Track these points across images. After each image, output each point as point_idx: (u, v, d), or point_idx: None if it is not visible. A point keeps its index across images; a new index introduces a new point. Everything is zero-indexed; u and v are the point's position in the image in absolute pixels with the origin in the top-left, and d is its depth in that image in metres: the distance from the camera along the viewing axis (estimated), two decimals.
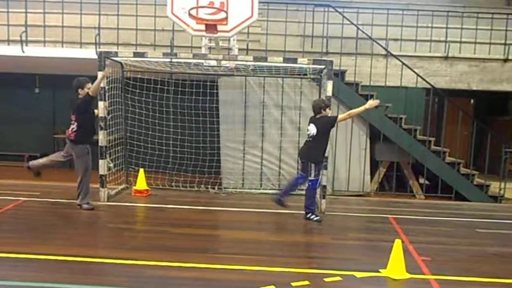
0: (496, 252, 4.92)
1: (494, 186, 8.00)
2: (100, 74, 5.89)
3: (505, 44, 8.79)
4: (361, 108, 5.90)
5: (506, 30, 8.80)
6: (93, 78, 6.14)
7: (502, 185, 7.83)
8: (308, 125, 5.92)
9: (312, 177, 5.78)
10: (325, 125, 5.76)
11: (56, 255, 4.23)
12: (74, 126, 5.81)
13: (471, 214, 6.73)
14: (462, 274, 4.17)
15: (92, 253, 4.33)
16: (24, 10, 8.14)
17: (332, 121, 5.82)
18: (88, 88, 5.74)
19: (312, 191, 5.84)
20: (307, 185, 5.88)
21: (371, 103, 5.80)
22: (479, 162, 8.72)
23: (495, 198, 7.89)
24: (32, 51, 8.00)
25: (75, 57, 7.88)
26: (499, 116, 10.88)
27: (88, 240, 4.85)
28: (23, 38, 7.98)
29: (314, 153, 5.79)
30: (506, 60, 8.82)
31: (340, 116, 5.96)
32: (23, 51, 7.95)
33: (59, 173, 9.32)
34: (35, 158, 10.00)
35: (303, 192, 6.10)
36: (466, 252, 4.89)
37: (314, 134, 5.75)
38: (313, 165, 5.77)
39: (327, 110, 5.84)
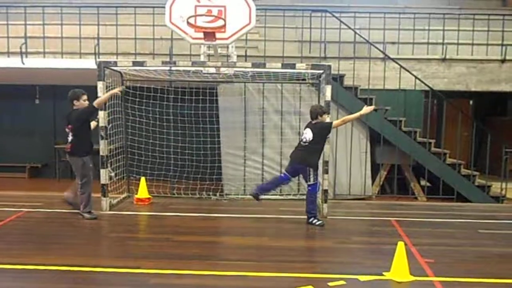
0: (500, 253, 4.92)
1: (496, 187, 8.01)
2: (114, 90, 5.97)
3: (502, 44, 8.82)
4: (356, 114, 5.95)
5: (503, 31, 8.84)
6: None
7: (504, 185, 7.83)
8: (304, 129, 5.95)
9: (311, 182, 5.79)
10: (321, 131, 5.78)
11: (58, 265, 4.23)
12: (70, 138, 5.82)
13: (473, 215, 6.72)
14: (466, 275, 4.17)
15: (95, 263, 4.33)
16: (23, 22, 8.20)
17: (328, 127, 5.83)
18: (84, 100, 5.77)
19: (313, 196, 5.85)
20: (307, 189, 5.89)
21: (366, 109, 5.80)
22: (480, 163, 8.73)
23: (497, 199, 7.89)
24: (32, 62, 8.06)
25: (74, 68, 7.94)
26: (499, 116, 10.90)
27: (90, 250, 4.85)
28: (23, 50, 8.04)
29: (312, 158, 5.79)
30: (503, 61, 8.86)
31: (335, 122, 5.96)
32: (23, 63, 8.01)
33: (61, 184, 9.35)
34: (37, 168, 10.16)
35: (304, 197, 6.11)
36: (469, 253, 4.89)
37: (310, 139, 5.77)
38: (311, 170, 5.79)
39: (324, 116, 5.85)
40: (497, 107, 10.97)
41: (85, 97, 5.81)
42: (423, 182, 8.54)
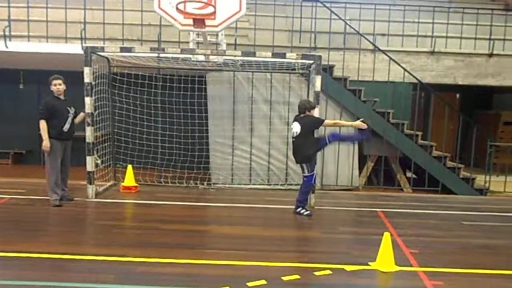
0: (482, 244, 5.01)
1: (480, 179, 8.14)
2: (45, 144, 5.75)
3: (490, 39, 8.91)
4: (349, 123, 6.17)
5: (491, 26, 8.92)
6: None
7: (487, 178, 7.97)
8: (292, 123, 5.95)
9: (306, 174, 5.82)
10: (310, 124, 5.79)
11: (43, 253, 4.18)
12: None
13: (457, 207, 6.84)
14: (450, 265, 4.24)
15: (80, 250, 4.29)
16: (7, 5, 7.97)
17: (318, 123, 5.84)
18: (55, 85, 5.82)
19: (307, 187, 5.88)
20: (302, 180, 5.91)
21: (359, 124, 5.80)
22: (465, 155, 8.85)
23: (481, 191, 8.02)
24: (16, 46, 7.85)
25: (60, 53, 7.76)
26: (484, 110, 11.05)
27: (75, 237, 4.79)
28: (7, 33, 7.83)
29: (302, 152, 5.80)
30: (491, 55, 8.95)
31: (327, 121, 5.96)
32: (6, 46, 7.80)
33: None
34: (21, 155, 9.98)
35: (294, 187, 6.13)
36: (453, 244, 4.97)
37: (298, 132, 5.77)
38: (303, 164, 5.81)
39: (312, 111, 5.86)
40: (483, 101, 11.11)
41: (55, 82, 5.83)
42: (409, 174, 8.63)
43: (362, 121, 5.83)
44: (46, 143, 5.74)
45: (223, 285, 3.61)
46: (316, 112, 6.02)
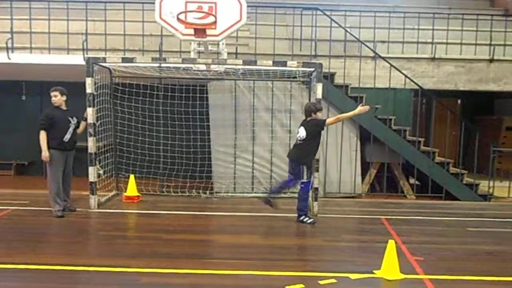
0: (488, 250, 4.97)
1: (483, 185, 8.10)
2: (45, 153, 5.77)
3: (490, 44, 8.93)
4: (351, 113, 5.90)
5: (491, 31, 8.94)
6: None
7: (491, 183, 7.92)
8: (299, 127, 5.95)
9: (304, 180, 5.79)
10: (314, 128, 5.80)
11: (46, 264, 4.16)
12: None
13: (462, 213, 6.80)
14: (455, 273, 4.20)
15: (83, 262, 4.26)
16: (9, 17, 8.04)
17: (321, 124, 5.84)
18: (54, 96, 5.88)
19: (305, 194, 5.85)
20: (299, 187, 5.89)
21: (361, 108, 5.74)
22: (468, 161, 8.82)
23: (484, 197, 7.98)
24: (19, 58, 7.90)
25: (62, 64, 7.80)
26: (486, 115, 11.03)
27: (78, 249, 4.77)
28: (9, 45, 7.88)
29: (305, 155, 5.81)
30: (491, 61, 8.96)
31: (329, 120, 5.96)
32: (9, 58, 7.85)
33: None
34: (23, 166, 9.98)
35: (295, 195, 6.11)
36: (458, 251, 4.93)
37: (304, 136, 5.78)
38: (304, 167, 5.79)
39: (318, 113, 5.86)
40: (484, 107, 11.10)
41: (51, 93, 5.88)
42: (412, 180, 8.59)
43: (362, 105, 5.83)
44: (45, 154, 5.76)
45: None
46: (320, 116, 6.02)
